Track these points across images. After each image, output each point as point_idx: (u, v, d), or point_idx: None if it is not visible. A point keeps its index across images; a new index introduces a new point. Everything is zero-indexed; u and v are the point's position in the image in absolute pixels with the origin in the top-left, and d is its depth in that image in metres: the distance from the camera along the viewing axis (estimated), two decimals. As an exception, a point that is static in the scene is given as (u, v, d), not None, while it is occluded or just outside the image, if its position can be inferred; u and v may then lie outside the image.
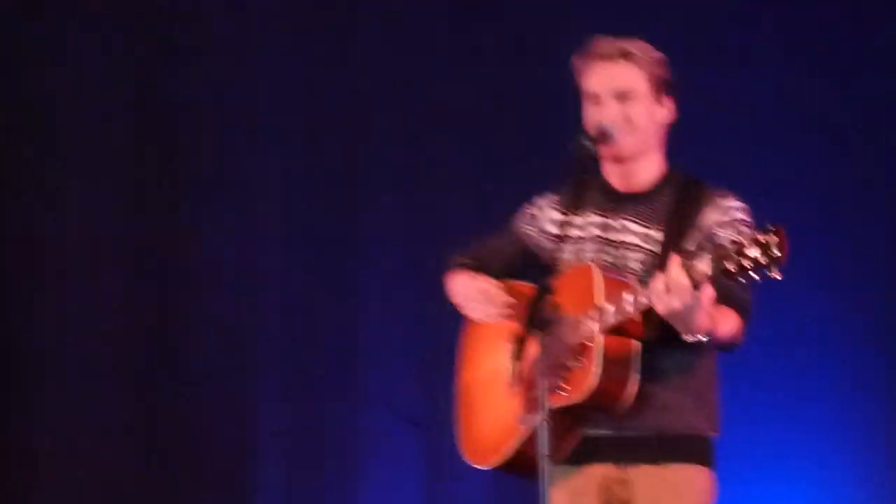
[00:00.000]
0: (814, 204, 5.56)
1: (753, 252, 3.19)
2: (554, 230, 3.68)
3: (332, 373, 5.93)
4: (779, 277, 3.19)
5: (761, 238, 3.20)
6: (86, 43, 5.92)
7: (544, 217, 3.76)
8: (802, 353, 5.59)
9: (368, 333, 5.88)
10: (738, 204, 3.60)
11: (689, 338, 3.40)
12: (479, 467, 3.70)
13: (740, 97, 5.68)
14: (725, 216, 3.57)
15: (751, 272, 3.20)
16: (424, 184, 5.92)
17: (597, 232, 3.65)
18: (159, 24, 5.95)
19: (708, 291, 3.33)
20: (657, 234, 3.58)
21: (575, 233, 3.66)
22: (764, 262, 3.18)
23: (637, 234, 3.61)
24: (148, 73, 5.95)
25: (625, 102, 3.60)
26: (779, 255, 3.17)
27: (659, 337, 3.44)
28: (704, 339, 3.41)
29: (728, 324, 3.49)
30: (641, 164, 3.65)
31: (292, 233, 5.98)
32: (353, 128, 5.97)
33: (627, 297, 3.42)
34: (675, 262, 3.32)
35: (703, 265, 3.27)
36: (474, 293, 3.72)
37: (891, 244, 5.61)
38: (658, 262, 3.48)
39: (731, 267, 3.22)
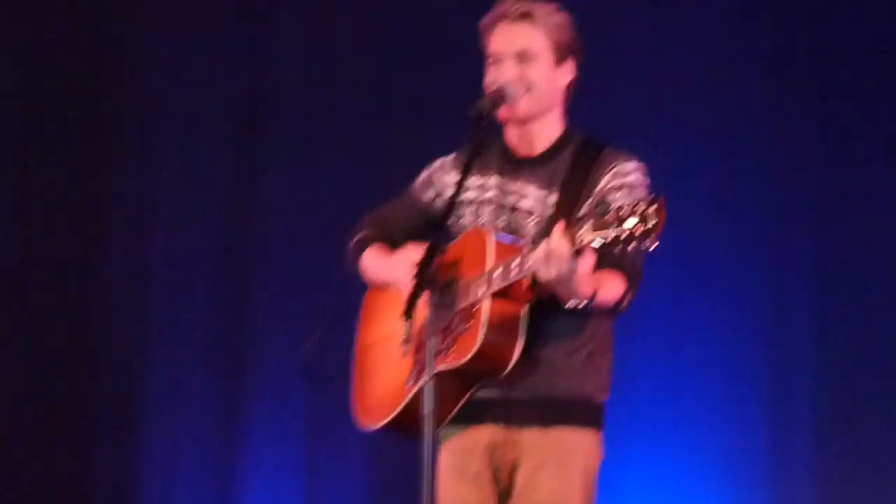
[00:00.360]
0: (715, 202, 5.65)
1: (631, 221, 3.19)
2: (451, 192, 3.66)
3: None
4: (653, 246, 3.18)
5: (640, 207, 3.19)
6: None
7: (441, 180, 3.76)
8: (697, 323, 5.67)
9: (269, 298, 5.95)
10: (633, 166, 3.61)
11: (569, 304, 3.41)
12: (367, 429, 3.70)
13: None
14: (619, 180, 3.58)
15: (628, 241, 3.20)
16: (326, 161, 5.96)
17: (493, 195, 3.66)
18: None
19: (587, 259, 3.34)
20: (553, 198, 3.59)
21: (472, 195, 3.67)
22: (640, 232, 3.18)
23: (534, 198, 3.62)
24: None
25: (524, 63, 3.61)
26: (654, 223, 3.16)
27: (548, 301, 3.46)
28: (583, 305, 3.42)
29: (612, 290, 3.50)
30: (540, 126, 3.66)
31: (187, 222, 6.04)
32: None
33: (514, 262, 3.42)
34: (557, 229, 3.33)
35: (585, 233, 3.27)
36: (397, 267, 3.66)
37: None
38: (552, 227, 3.48)
39: (609, 236, 3.22)
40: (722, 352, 5.64)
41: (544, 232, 3.49)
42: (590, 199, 3.56)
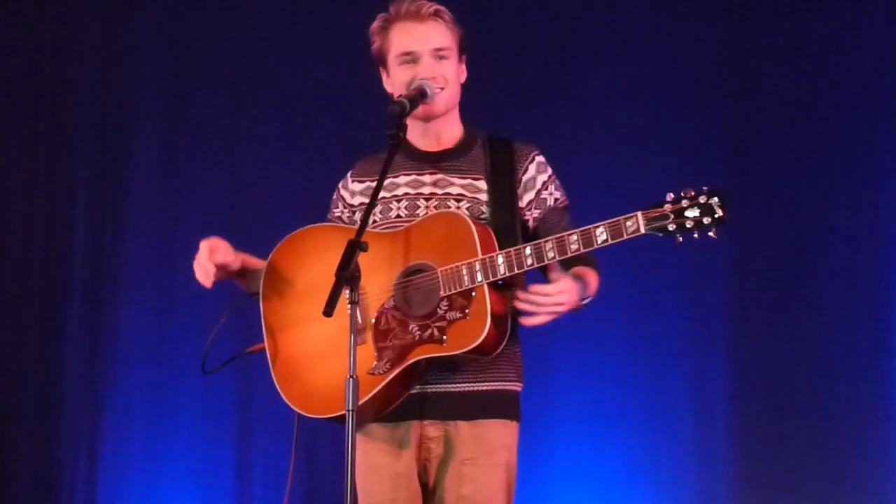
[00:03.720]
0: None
1: (693, 212, 3.34)
2: (360, 200, 3.76)
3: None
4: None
5: (701, 199, 3.34)
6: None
7: (348, 193, 3.80)
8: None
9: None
10: (543, 158, 3.73)
11: (584, 302, 3.56)
12: (314, 416, 3.58)
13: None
14: (544, 170, 3.71)
15: (691, 231, 3.34)
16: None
17: (406, 190, 3.70)
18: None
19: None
20: (480, 184, 3.66)
21: (384, 193, 3.68)
22: (706, 222, 3.33)
23: (460, 185, 3.67)
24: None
25: (439, 61, 3.68)
26: (721, 214, 3.33)
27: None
28: (586, 302, 3.58)
29: (595, 282, 3.64)
30: (445, 122, 3.73)
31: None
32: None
33: (526, 252, 3.47)
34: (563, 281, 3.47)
35: (635, 225, 3.38)
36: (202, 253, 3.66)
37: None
38: (491, 210, 3.60)
39: (667, 226, 3.35)
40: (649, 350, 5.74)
41: (481, 215, 3.60)
42: (519, 187, 3.67)
